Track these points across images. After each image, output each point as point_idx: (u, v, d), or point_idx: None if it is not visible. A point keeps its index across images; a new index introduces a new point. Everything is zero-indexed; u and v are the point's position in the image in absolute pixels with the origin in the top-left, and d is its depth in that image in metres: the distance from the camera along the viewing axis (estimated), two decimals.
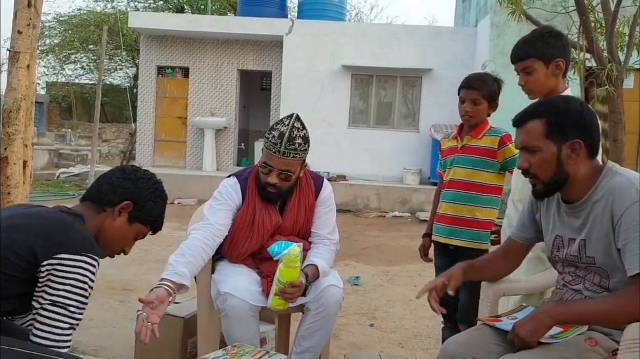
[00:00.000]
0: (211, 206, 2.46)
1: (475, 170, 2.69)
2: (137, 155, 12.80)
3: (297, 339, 2.39)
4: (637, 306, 1.58)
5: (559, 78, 2.29)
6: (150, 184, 1.91)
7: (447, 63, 11.15)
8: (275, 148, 2.31)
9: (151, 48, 12.51)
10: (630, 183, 1.65)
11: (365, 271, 5.43)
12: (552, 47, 2.26)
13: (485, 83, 2.67)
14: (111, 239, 1.83)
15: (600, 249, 1.71)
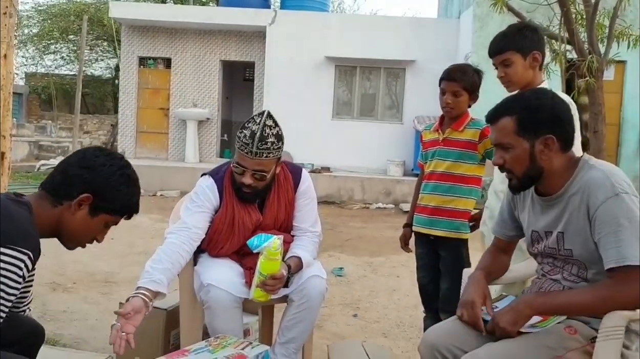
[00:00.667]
0: (188, 208, 2.41)
1: (457, 162, 2.71)
2: (119, 147, 12.67)
3: (280, 330, 2.40)
4: (616, 298, 1.61)
5: (536, 71, 2.36)
6: (112, 171, 1.66)
7: (430, 54, 11.17)
8: (247, 148, 2.25)
9: (132, 38, 12.37)
10: (606, 177, 1.66)
11: (349, 262, 5.45)
12: (529, 40, 2.33)
13: (465, 75, 2.68)
14: (74, 233, 1.68)
15: (577, 242, 1.73)
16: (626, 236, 1.60)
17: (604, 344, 1.62)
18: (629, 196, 1.63)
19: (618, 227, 1.61)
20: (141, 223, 7.11)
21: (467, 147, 2.70)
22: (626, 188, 1.65)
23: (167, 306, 2.74)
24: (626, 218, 1.61)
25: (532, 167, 1.74)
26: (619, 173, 1.70)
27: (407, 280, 4.58)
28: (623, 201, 1.62)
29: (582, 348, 1.68)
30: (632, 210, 1.62)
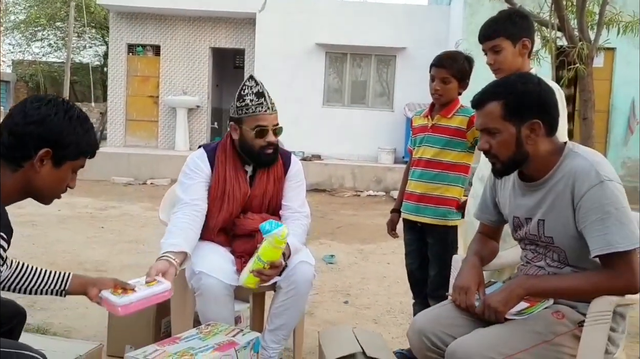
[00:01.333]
0: (182, 183, 2.44)
1: (444, 149, 2.70)
2: (108, 135, 12.59)
3: (269, 317, 2.41)
4: (606, 284, 1.64)
5: (525, 58, 2.36)
6: (60, 118, 1.58)
7: (421, 41, 11.14)
8: (264, 106, 2.36)
9: (121, 25, 12.24)
10: (591, 165, 1.67)
11: (340, 249, 5.47)
12: (519, 27, 2.32)
13: (455, 62, 2.68)
14: (45, 189, 1.64)
15: (558, 229, 1.74)
16: (612, 224, 1.62)
17: (592, 329, 1.64)
18: (614, 184, 1.65)
19: (604, 215, 1.63)
20: (131, 212, 7.09)
21: (455, 134, 2.69)
22: (610, 175, 1.66)
23: None
24: (612, 206, 1.62)
25: (518, 152, 1.74)
26: (603, 161, 1.71)
27: (397, 266, 4.60)
28: (608, 188, 1.63)
29: (570, 332, 1.70)
30: (617, 197, 1.64)
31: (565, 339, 1.70)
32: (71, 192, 6.27)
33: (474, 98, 1.81)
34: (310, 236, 5.72)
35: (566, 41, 4.96)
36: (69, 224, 6.13)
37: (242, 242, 2.39)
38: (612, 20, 5.25)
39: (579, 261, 1.74)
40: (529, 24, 2.39)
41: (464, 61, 2.70)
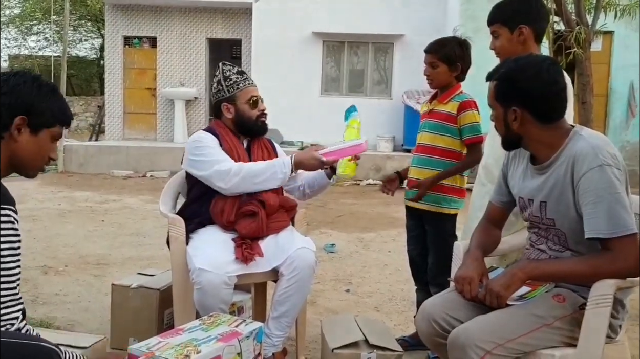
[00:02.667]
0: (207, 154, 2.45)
1: (437, 134, 2.71)
2: (106, 128, 12.57)
3: (273, 305, 2.42)
4: (608, 267, 1.64)
5: (528, 45, 2.27)
6: (30, 86, 1.63)
7: (418, 28, 11.08)
8: (248, 81, 2.60)
9: (117, 18, 12.18)
10: (591, 148, 1.67)
11: (341, 238, 5.48)
12: (517, 13, 2.27)
13: (442, 47, 2.69)
14: (27, 158, 1.65)
15: (560, 211, 1.75)
16: (602, 209, 1.63)
17: (594, 312, 1.65)
18: (611, 169, 1.64)
19: (597, 199, 1.64)
20: (131, 204, 7.10)
21: (447, 120, 2.69)
22: (609, 160, 1.65)
23: (160, 286, 2.75)
24: (606, 191, 1.63)
25: (508, 132, 1.82)
26: (606, 145, 1.70)
27: (398, 254, 4.62)
28: (605, 173, 1.64)
29: (570, 316, 1.71)
30: (613, 182, 1.64)
31: (566, 322, 1.71)
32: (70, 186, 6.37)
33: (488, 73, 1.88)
34: (310, 225, 5.74)
35: (564, 25, 4.95)
36: (69, 218, 6.13)
37: (247, 223, 2.41)
38: (610, 3, 5.23)
39: (579, 244, 1.74)
40: (531, 9, 2.29)
41: (455, 45, 2.70)
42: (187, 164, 2.53)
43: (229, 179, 2.39)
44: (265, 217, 2.44)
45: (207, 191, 2.48)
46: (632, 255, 1.63)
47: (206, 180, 2.45)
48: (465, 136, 2.67)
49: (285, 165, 2.43)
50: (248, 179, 2.40)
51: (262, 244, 2.42)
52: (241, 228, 2.41)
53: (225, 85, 2.56)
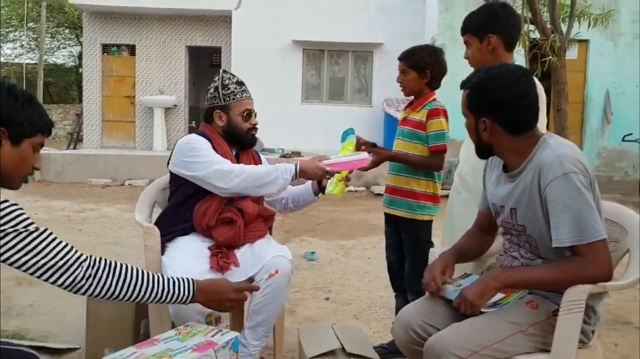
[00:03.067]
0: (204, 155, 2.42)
1: (410, 142, 2.75)
2: (84, 137, 12.44)
3: (249, 314, 2.40)
4: (580, 273, 1.66)
5: (497, 54, 2.29)
6: (6, 96, 1.61)
7: (397, 37, 11.16)
8: (245, 93, 2.58)
9: (95, 25, 12.09)
10: (556, 157, 1.68)
11: (321, 246, 5.47)
12: (485, 23, 2.31)
13: (413, 55, 2.74)
14: (11, 168, 1.64)
15: (528, 218, 1.77)
16: (568, 218, 1.64)
17: (566, 318, 1.66)
18: (577, 176, 1.65)
19: (564, 207, 1.65)
20: (109, 213, 7.02)
21: (418, 127, 2.72)
22: (574, 168, 1.66)
23: None
24: (572, 199, 1.64)
25: (479, 141, 1.84)
26: (572, 152, 1.71)
27: (378, 261, 4.62)
28: (570, 181, 1.65)
29: (544, 322, 1.73)
30: (579, 189, 1.64)
31: (540, 328, 1.72)
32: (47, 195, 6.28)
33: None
34: (290, 233, 5.72)
35: (539, 34, 5.02)
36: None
37: (224, 230, 2.39)
38: (583, 13, 5.33)
39: (549, 251, 1.76)
40: (497, 19, 2.31)
41: (425, 53, 2.73)
42: (178, 165, 2.47)
43: (230, 179, 2.36)
44: (243, 226, 2.43)
45: (194, 195, 2.45)
46: (603, 260, 1.65)
47: (201, 180, 2.39)
48: (429, 143, 2.69)
49: (287, 171, 2.39)
50: (250, 181, 2.36)
51: (238, 253, 2.41)
52: (218, 235, 2.40)
53: (222, 94, 2.55)
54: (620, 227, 1.92)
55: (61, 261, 1.58)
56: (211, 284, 1.86)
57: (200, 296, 1.79)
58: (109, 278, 1.65)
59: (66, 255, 1.59)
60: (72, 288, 1.62)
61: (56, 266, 1.57)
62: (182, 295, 1.75)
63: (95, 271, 1.63)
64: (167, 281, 1.72)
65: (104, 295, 1.66)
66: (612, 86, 10.19)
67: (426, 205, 2.73)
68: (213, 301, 1.82)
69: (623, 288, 1.82)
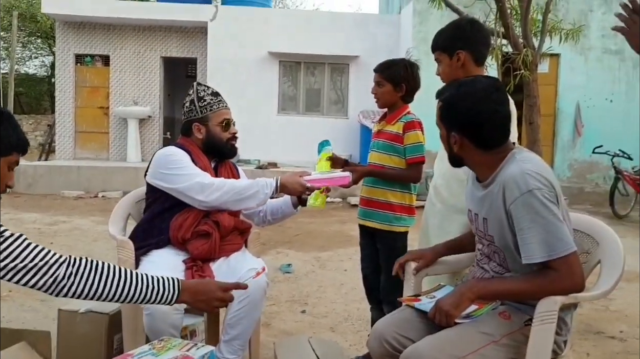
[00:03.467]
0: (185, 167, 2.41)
1: (386, 154, 2.77)
2: (57, 148, 12.24)
3: (224, 327, 2.38)
4: (554, 285, 1.67)
5: (467, 69, 2.32)
6: None
7: (373, 50, 11.27)
8: (222, 103, 2.58)
9: (68, 35, 11.95)
10: (522, 173, 1.68)
11: (297, 258, 5.45)
12: (453, 39, 2.35)
13: (388, 68, 2.77)
14: None
15: (496, 230, 1.79)
16: (537, 233, 1.65)
17: (539, 328, 1.68)
18: (542, 192, 1.66)
19: (530, 224, 1.66)
20: (82, 226, 6.90)
21: (395, 140, 2.74)
22: (539, 184, 1.67)
23: (109, 310, 2.67)
24: (538, 214, 1.65)
25: (451, 153, 1.86)
26: (536, 168, 1.71)
27: (354, 273, 4.62)
28: (536, 197, 1.66)
29: (517, 332, 1.75)
30: (545, 205, 1.66)
31: (513, 339, 1.74)
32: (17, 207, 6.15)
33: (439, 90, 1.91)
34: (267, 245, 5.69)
35: (511, 48, 5.11)
36: None
37: (199, 243, 2.37)
38: (555, 28, 5.44)
39: (516, 264, 1.77)
40: (465, 35, 2.35)
41: (403, 67, 2.77)
42: (156, 177, 2.44)
43: (210, 192, 2.35)
44: (218, 239, 2.41)
45: (171, 207, 2.43)
46: (576, 273, 1.67)
47: (180, 193, 2.38)
48: (407, 155, 2.72)
49: (267, 186, 2.39)
50: (230, 195, 2.36)
51: (214, 266, 2.39)
52: (193, 248, 2.38)
53: (199, 106, 2.54)
54: (591, 239, 1.95)
55: (41, 262, 1.54)
56: (199, 283, 1.81)
57: (187, 295, 1.72)
58: (91, 276, 1.60)
59: (45, 256, 1.55)
60: (54, 290, 1.57)
61: (36, 267, 1.54)
62: (168, 293, 1.69)
63: (76, 269, 1.59)
64: (152, 279, 1.67)
65: (87, 294, 1.60)
66: (583, 99, 10.41)
67: (402, 216, 2.75)
68: (201, 301, 1.75)
69: (595, 298, 1.85)
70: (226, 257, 2.44)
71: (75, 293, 1.59)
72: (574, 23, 6.24)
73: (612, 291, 1.83)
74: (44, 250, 1.57)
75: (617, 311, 4.04)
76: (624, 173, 8.73)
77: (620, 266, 1.84)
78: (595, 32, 10.37)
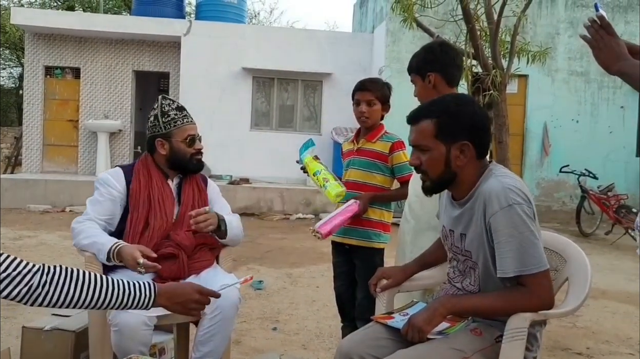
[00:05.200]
0: (92, 201, 2.43)
1: (368, 171, 2.79)
2: (23, 161, 11.98)
3: (195, 345, 2.34)
4: (524, 302, 1.70)
5: (439, 89, 2.39)
6: None
7: (346, 67, 11.38)
8: (187, 118, 2.53)
9: (38, 47, 11.77)
10: (502, 187, 1.72)
11: (269, 274, 5.42)
12: (424, 62, 2.44)
13: (378, 86, 2.81)
14: None
15: (474, 246, 1.81)
16: (513, 248, 1.68)
17: (510, 345, 1.70)
18: (521, 207, 1.70)
19: (509, 238, 1.69)
20: (48, 241, 6.74)
21: (378, 158, 2.78)
22: (519, 199, 1.71)
23: (75, 328, 2.62)
24: (516, 229, 1.68)
25: (447, 171, 1.81)
26: (517, 183, 1.75)
27: (326, 290, 4.61)
28: (516, 212, 1.69)
29: (489, 348, 1.76)
30: (524, 221, 1.69)
31: (484, 355, 1.75)
32: None
33: (411, 113, 1.86)
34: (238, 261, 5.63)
35: (481, 69, 5.21)
36: None
37: (167, 265, 2.34)
38: (523, 49, 5.56)
39: (489, 280, 1.80)
40: (435, 57, 2.43)
41: (384, 86, 2.85)
42: None
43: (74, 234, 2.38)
44: (186, 258, 2.39)
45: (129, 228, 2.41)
46: (545, 290, 1.70)
47: None
48: (397, 174, 2.78)
49: (102, 252, 2.26)
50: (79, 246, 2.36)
51: None
52: (162, 271, 2.33)
53: (162, 121, 2.49)
54: (559, 256, 1.99)
55: (14, 271, 1.50)
56: (176, 287, 1.77)
57: (163, 299, 1.68)
58: (66, 283, 1.56)
59: (18, 265, 1.51)
60: (29, 299, 1.52)
61: (9, 277, 1.49)
62: (144, 297, 1.64)
63: (51, 277, 1.54)
64: (128, 284, 1.64)
65: (63, 302, 1.56)
66: (550, 119, 10.66)
67: (380, 233, 2.78)
68: (178, 303, 1.71)
69: (563, 315, 1.88)
70: (197, 274, 2.41)
71: (51, 302, 1.55)
72: (541, 45, 6.40)
73: (579, 308, 1.86)
74: (17, 260, 1.53)
75: (584, 327, 4.11)
76: (590, 192, 8.94)
77: (587, 283, 1.87)
78: (562, 54, 10.66)
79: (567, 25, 10.68)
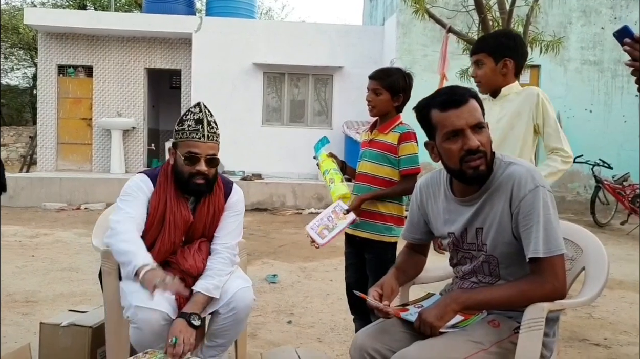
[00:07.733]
0: (124, 201, 2.33)
1: (378, 164, 2.74)
2: (38, 159, 12.11)
3: (208, 334, 2.38)
4: (538, 291, 1.68)
5: (508, 77, 2.49)
6: None
7: (356, 61, 11.36)
8: (198, 134, 2.28)
9: (50, 46, 11.86)
10: (528, 171, 1.73)
11: (283, 268, 5.43)
12: (503, 46, 2.47)
13: (388, 76, 2.72)
14: None
15: (495, 237, 1.78)
16: (542, 229, 1.68)
17: (527, 335, 1.69)
18: (544, 190, 1.71)
19: (536, 219, 1.69)
20: (64, 238, 6.81)
21: (387, 150, 2.72)
22: (543, 182, 1.72)
23: (92, 323, 2.64)
24: (544, 210, 1.69)
25: (492, 153, 1.77)
26: (537, 169, 1.78)
27: (340, 283, 4.60)
28: (542, 194, 1.70)
29: (506, 339, 1.75)
30: (547, 204, 1.70)
31: (502, 346, 1.74)
32: None
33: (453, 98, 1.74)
34: (252, 256, 5.65)
35: None
36: None
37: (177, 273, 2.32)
38: (535, 39, 5.52)
39: (509, 268, 1.79)
40: (516, 44, 2.50)
41: (400, 76, 2.73)
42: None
43: (108, 235, 2.29)
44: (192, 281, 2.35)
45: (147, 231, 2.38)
46: (560, 276, 1.69)
47: None
48: (402, 167, 2.69)
49: (132, 268, 2.16)
50: (113, 249, 2.26)
51: None
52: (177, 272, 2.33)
53: (176, 129, 2.34)
54: (575, 246, 1.97)
55: None
56: None
57: None
58: None
59: None
60: None
61: None
62: None
63: None
64: None
65: None
66: (563, 109, 10.56)
67: (392, 227, 2.73)
68: None
69: (580, 304, 1.86)
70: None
71: None
72: (554, 35, 6.34)
73: (597, 297, 1.85)
74: None
75: (601, 318, 4.08)
76: (604, 182, 8.85)
77: (604, 273, 1.86)
78: (575, 43, 10.55)
79: (580, 14, 10.57)
